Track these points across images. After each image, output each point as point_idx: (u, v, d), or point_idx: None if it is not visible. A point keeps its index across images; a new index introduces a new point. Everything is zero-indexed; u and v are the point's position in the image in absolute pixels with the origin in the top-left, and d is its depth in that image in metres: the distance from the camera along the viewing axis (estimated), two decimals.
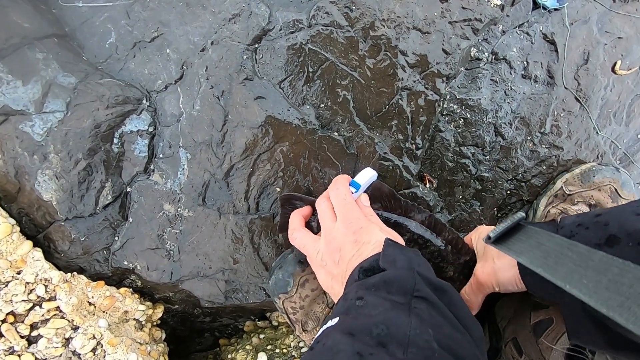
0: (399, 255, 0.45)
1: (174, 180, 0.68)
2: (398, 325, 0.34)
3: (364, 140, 0.71)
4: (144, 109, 0.66)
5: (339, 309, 0.41)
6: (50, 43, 0.61)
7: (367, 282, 0.42)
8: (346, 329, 0.35)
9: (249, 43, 0.67)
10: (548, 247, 0.40)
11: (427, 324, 0.35)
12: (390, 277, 0.41)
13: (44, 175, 0.62)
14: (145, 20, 0.65)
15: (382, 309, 0.37)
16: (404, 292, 0.39)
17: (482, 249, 0.59)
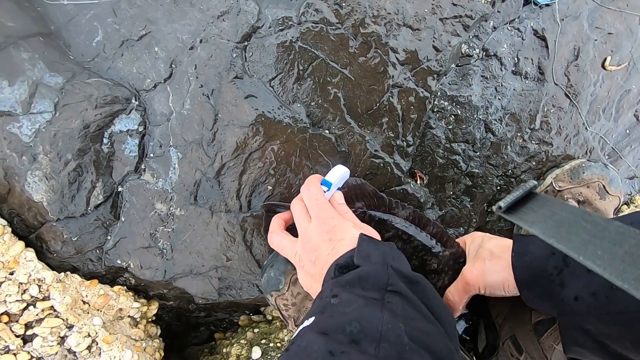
0: (373, 250, 0.46)
1: (165, 179, 0.68)
2: (371, 322, 0.35)
3: (355, 138, 0.71)
4: (134, 109, 0.65)
5: (315, 308, 0.42)
6: (36, 42, 0.60)
7: (342, 280, 0.43)
8: (320, 329, 0.36)
9: (239, 41, 0.66)
10: (561, 216, 0.38)
11: (400, 318, 0.36)
12: (364, 273, 0.42)
13: (33, 177, 0.62)
14: (133, 18, 0.64)
15: (355, 305, 0.38)
16: (378, 287, 0.40)
17: (474, 252, 0.59)
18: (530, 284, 0.49)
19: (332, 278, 0.46)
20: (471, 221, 0.81)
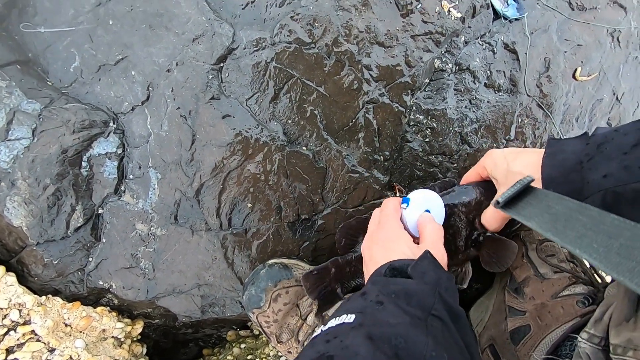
0: (430, 270, 0.46)
1: (145, 200, 0.69)
2: (415, 343, 0.35)
3: (332, 154, 0.72)
4: (112, 132, 0.66)
5: (355, 306, 0.41)
6: (13, 70, 0.62)
7: (389, 288, 0.42)
8: (366, 333, 0.35)
9: (214, 63, 0.68)
10: (557, 210, 0.39)
11: (442, 347, 0.36)
12: (412, 289, 0.42)
13: (12, 202, 0.63)
14: (109, 44, 0.66)
15: (401, 320, 0.37)
16: (422, 307, 0.39)
17: (503, 176, 0.56)
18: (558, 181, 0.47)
19: (381, 274, 0.46)
20: None
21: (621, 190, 0.39)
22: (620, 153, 0.41)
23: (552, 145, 0.49)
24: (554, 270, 0.61)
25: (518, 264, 0.68)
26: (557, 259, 0.63)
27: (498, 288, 0.70)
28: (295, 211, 0.72)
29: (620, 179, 0.40)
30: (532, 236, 0.69)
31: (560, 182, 0.46)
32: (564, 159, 0.46)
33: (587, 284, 0.58)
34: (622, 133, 0.43)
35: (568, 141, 0.48)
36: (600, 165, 0.42)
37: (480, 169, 0.62)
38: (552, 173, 0.47)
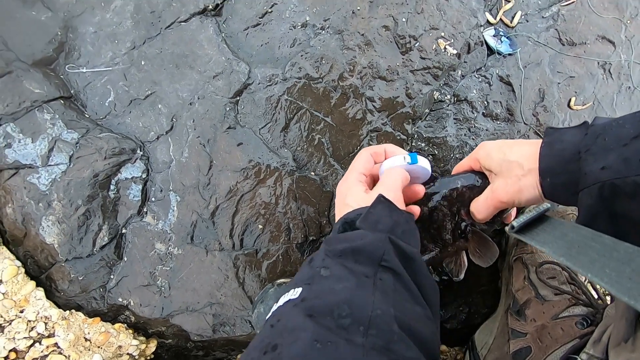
0: (385, 217, 0.45)
1: (164, 221, 0.75)
2: (360, 306, 0.34)
3: (338, 179, 0.77)
4: (138, 158, 0.73)
5: (302, 276, 0.40)
6: (57, 104, 0.70)
7: (336, 249, 0.41)
8: (308, 309, 0.34)
9: (231, 96, 0.75)
10: (572, 237, 0.39)
11: (390, 300, 0.36)
12: (360, 244, 0.41)
13: (47, 221, 0.69)
14: (140, 81, 0.74)
15: (346, 284, 0.36)
16: (372, 261, 0.39)
17: (498, 166, 0.54)
18: (555, 172, 0.46)
19: (336, 232, 0.46)
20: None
21: (620, 183, 0.39)
22: (620, 145, 0.40)
23: (550, 134, 0.48)
24: (554, 292, 0.62)
25: (520, 287, 0.70)
26: (558, 281, 0.64)
27: (502, 311, 0.71)
28: (303, 233, 0.76)
29: (619, 172, 0.39)
30: (533, 259, 0.70)
31: (558, 173, 0.45)
32: (562, 149, 0.45)
33: (587, 305, 0.58)
34: (622, 124, 0.42)
35: (567, 130, 0.47)
36: (599, 157, 0.41)
37: (472, 161, 0.61)
38: (550, 163, 0.46)
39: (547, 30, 0.82)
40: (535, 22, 0.83)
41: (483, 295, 0.87)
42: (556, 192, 0.47)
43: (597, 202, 0.41)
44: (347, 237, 0.43)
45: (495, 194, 0.54)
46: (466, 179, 0.60)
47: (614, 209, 0.40)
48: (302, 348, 0.30)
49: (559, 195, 0.47)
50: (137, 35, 0.74)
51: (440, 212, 0.61)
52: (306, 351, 0.30)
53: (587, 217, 0.43)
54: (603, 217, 0.42)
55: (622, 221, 0.41)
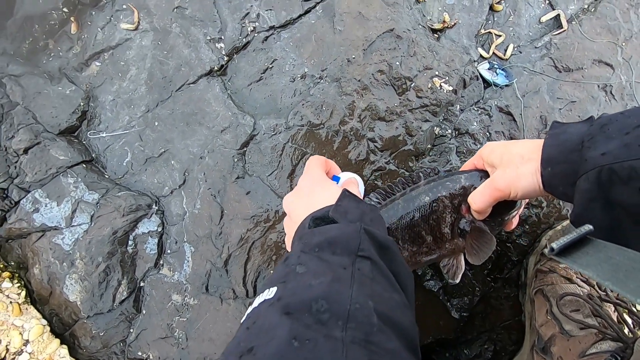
0: (353, 208, 0.46)
1: (180, 272, 0.77)
2: (339, 300, 0.34)
3: None
4: (154, 213, 0.77)
5: (278, 275, 0.40)
6: (80, 169, 0.76)
7: (311, 242, 0.41)
8: (284, 307, 0.33)
9: (239, 148, 0.79)
10: (618, 260, 0.38)
11: (368, 290, 0.35)
12: (335, 235, 0.41)
13: (71, 279, 0.72)
14: (154, 140, 0.80)
15: (323, 279, 0.36)
16: (348, 252, 0.39)
17: (499, 159, 0.55)
18: (557, 160, 0.46)
19: (306, 227, 0.45)
20: (474, 290, 0.82)
21: (617, 168, 0.39)
22: (622, 133, 0.41)
23: (556, 127, 0.49)
24: (579, 327, 0.59)
25: (543, 321, 0.67)
26: (582, 314, 0.61)
27: (527, 349, 0.68)
28: None
29: (618, 157, 0.39)
30: (554, 291, 0.68)
31: (559, 162, 0.46)
32: (566, 140, 0.46)
33: (615, 339, 0.55)
34: (627, 115, 0.43)
35: (573, 124, 0.48)
36: (600, 144, 0.42)
37: (476, 159, 0.62)
38: (552, 152, 0.47)
39: (541, 59, 0.84)
40: (528, 53, 0.84)
41: (508, 330, 0.83)
42: (554, 182, 0.47)
43: (594, 187, 0.41)
44: (322, 230, 0.43)
45: (492, 182, 0.54)
46: (470, 175, 0.61)
47: (610, 195, 0.40)
48: (278, 347, 0.29)
49: (557, 185, 0.47)
50: (151, 99, 0.80)
51: (441, 202, 0.61)
52: (283, 350, 0.29)
53: (583, 202, 0.43)
54: (598, 203, 0.42)
55: (616, 209, 0.40)
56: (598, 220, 0.42)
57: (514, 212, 0.61)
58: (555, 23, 0.85)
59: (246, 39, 0.80)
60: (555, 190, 0.48)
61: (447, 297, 0.81)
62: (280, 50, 0.80)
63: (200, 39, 0.80)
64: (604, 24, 0.84)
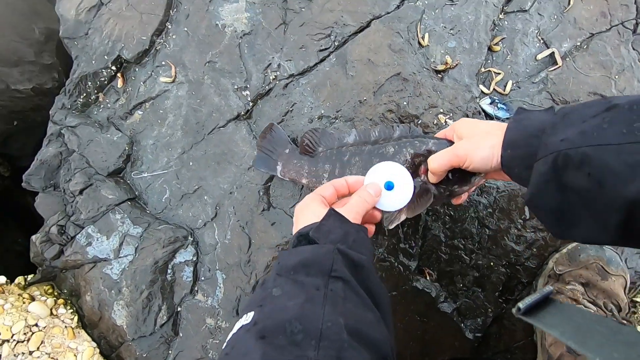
0: (337, 228, 0.48)
1: (213, 297, 0.85)
2: (312, 320, 0.36)
3: None
4: (189, 244, 0.86)
5: (255, 299, 0.42)
6: (125, 206, 0.86)
7: (287, 265, 0.44)
8: (259, 331, 0.36)
9: (264, 183, 0.88)
10: (578, 321, 0.41)
11: (340, 308, 0.38)
12: (309, 257, 0.43)
13: (118, 305, 0.81)
14: (189, 179, 0.90)
15: (297, 300, 0.38)
16: (322, 273, 0.42)
17: (467, 132, 0.59)
18: (518, 144, 0.49)
19: (293, 245, 0.49)
20: (487, 311, 0.86)
21: (572, 154, 0.41)
22: (580, 121, 0.43)
23: (520, 113, 0.53)
24: None
25: (552, 341, 0.71)
26: None
27: None
28: None
29: (574, 143, 0.42)
30: None
31: (519, 145, 0.49)
32: (527, 125, 0.49)
33: None
34: (587, 106, 0.45)
35: (536, 112, 0.52)
36: (560, 131, 0.44)
37: (448, 130, 0.66)
38: (514, 136, 0.50)
39: (539, 94, 0.90)
40: (527, 88, 0.91)
41: (522, 350, 0.87)
42: (512, 164, 0.50)
43: (549, 171, 0.44)
44: (298, 251, 0.46)
45: (453, 148, 0.59)
46: (439, 142, 0.67)
47: (563, 179, 0.43)
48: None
49: (514, 167, 0.50)
50: (186, 142, 0.91)
51: (403, 157, 0.67)
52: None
53: (539, 184, 0.46)
54: (552, 186, 0.44)
55: (569, 192, 0.43)
56: (551, 201, 0.45)
57: (466, 187, 0.66)
58: (550, 60, 0.92)
59: (269, 87, 0.91)
60: (512, 172, 0.51)
61: (460, 318, 0.86)
62: (299, 95, 0.90)
63: (229, 88, 0.91)
64: (596, 60, 0.90)
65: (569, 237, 0.47)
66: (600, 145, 0.40)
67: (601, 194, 0.40)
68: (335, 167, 0.73)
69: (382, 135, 0.74)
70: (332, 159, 0.75)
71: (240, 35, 0.91)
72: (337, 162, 0.74)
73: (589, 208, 0.42)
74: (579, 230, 0.45)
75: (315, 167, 0.76)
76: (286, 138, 0.83)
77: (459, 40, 0.91)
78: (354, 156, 0.72)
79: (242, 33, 0.91)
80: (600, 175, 0.40)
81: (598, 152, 0.40)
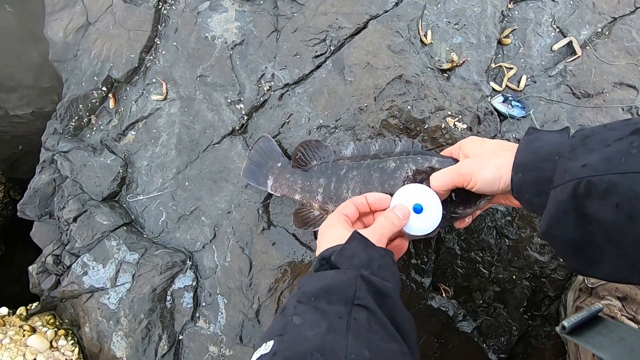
0: (360, 252, 0.46)
1: (215, 323, 0.80)
2: (333, 351, 0.34)
3: None
4: (188, 268, 0.82)
5: (275, 328, 0.40)
6: (121, 231, 0.83)
7: (308, 291, 0.42)
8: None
9: (262, 201, 0.83)
10: (631, 342, 0.39)
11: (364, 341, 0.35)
12: (332, 284, 0.41)
13: (117, 336, 0.78)
14: (186, 199, 0.86)
15: (319, 330, 0.36)
16: (344, 301, 0.39)
17: (474, 151, 0.56)
18: (529, 167, 0.46)
19: (314, 270, 0.47)
20: (511, 329, 0.79)
21: (596, 181, 0.38)
22: (603, 146, 0.40)
23: (531, 133, 0.49)
24: None
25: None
26: None
27: None
28: None
29: (598, 170, 0.38)
30: None
31: (531, 169, 0.46)
32: (539, 147, 0.46)
33: None
34: (609, 128, 0.42)
35: (548, 132, 0.49)
36: (581, 156, 0.41)
37: (455, 148, 0.63)
38: (525, 159, 0.47)
39: (557, 88, 0.82)
40: (543, 82, 0.84)
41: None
42: (523, 189, 0.46)
43: (569, 200, 0.40)
44: (320, 277, 0.43)
45: (457, 166, 0.55)
46: (443, 160, 0.63)
47: (585, 209, 0.39)
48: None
49: (525, 192, 0.46)
50: (181, 161, 0.87)
51: (404, 172, 0.63)
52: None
53: (556, 213, 0.42)
54: (572, 216, 0.41)
55: (592, 224, 0.39)
56: (569, 233, 0.41)
57: (470, 209, 0.60)
58: (568, 50, 0.84)
59: (263, 98, 0.86)
60: (522, 197, 0.47)
61: (482, 337, 0.79)
62: (295, 105, 0.85)
63: (222, 102, 0.87)
64: (620, 46, 0.82)
65: (591, 273, 0.42)
66: (628, 173, 0.36)
67: (631, 228, 0.36)
68: (330, 182, 0.68)
69: (382, 149, 0.69)
70: (328, 172, 0.69)
71: (231, 46, 0.87)
72: (332, 177, 0.68)
73: (615, 243, 0.38)
74: (602, 267, 0.40)
75: (309, 182, 0.71)
76: (278, 150, 0.78)
77: (465, 36, 0.84)
78: (351, 170, 0.67)
79: (232, 44, 0.87)
80: (631, 207, 0.35)
81: (627, 180, 0.36)
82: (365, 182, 0.64)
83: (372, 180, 0.64)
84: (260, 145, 0.78)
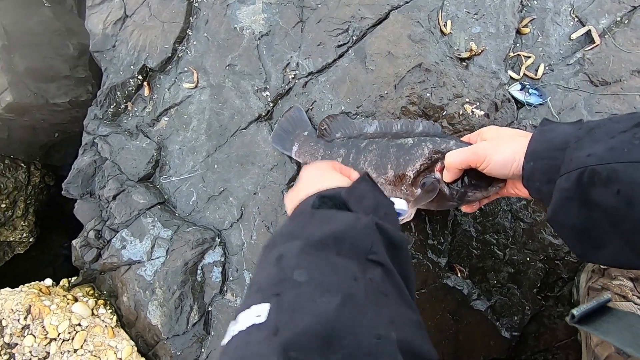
0: (369, 193, 0.41)
1: (241, 297, 0.86)
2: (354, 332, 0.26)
3: None
4: (217, 245, 0.88)
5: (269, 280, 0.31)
6: (156, 209, 0.89)
7: (314, 236, 0.33)
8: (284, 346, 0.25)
9: (287, 183, 0.88)
10: (638, 328, 0.39)
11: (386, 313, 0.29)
12: (342, 231, 0.34)
13: (152, 305, 0.85)
14: (215, 181, 0.92)
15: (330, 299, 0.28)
16: (357, 254, 0.32)
17: (492, 135, 0.59)
18: (540, 156, 0.47)
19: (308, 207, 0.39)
20: (524, 309, 0.82)
21: (600, 170, 0.39)
22: (608, 137, 0.42)
23: (546, 124, 0.51)
24: None
25: (599, 341, 0.66)
26: None
27: None
28: None
29: (602, 158, 0.40)
30: None
31: (542, 157, 0.47)
32: (552, 137, 0.47)
33: None
34: (615, 121, 0.44)
35: (562, 124, 0.50)
36: (587, 146, 0.43)
37: (474, 134, 0.65)
38: (538, 147, 0.48)
39: (575, 76, 0.84)
40: (561, 71, 0.85)
41: (565, 350, 0.82)
42: (533, 177, 0.48)
43: (573, 187, 0.42)
44: (327, 216, 0.36)
45: (473, 146, 0.57)
46: (461, 144, 0.65)
47: (589, 196, 0.41)
48: None
49: (535, 180, 0.48)
50: (210, 146, 0.93)
51: (420, 150, 0.66)
52: None
53: (561, 200, 0.44)
54: (576, 202, 0.43)
55: (595, 210, 0.41)
56: (575, 218, 0.43)
57: (480, 194, 0.62)
58: (586, 39, 0.86)
59: (288, 86, 0.90)
60: (532, 185, 0.49)
61: (495, 316, 0.82)
62: (318, 93, 0.89)
63: (249, 90, 0.92)
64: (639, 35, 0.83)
65: (595, 259, 0.44)
66: (630, 162, 0.38)
67: (630, 213, 0.38)
68: (350, 153, 0.73)
69: (404, 128, 0.73)
70: (349, 144, 0.75)
71: (258, 37, 0.92)
72: (352, 148, 0.73)
73: (617, 228, 0.40)
74: (605, 252, 0.42)
75: (330, 151, 0.76)
76: (307, 120, 0.84)
77: (484, 25, 0.86)
78: (371, 144, 0.72)
79: (259, 34, 0.92)
80: (631, 194, 0.38)
81: (628, 169, 0.38)
82: (382, 156, 0.69)
83: (389, 154, 0.68)
84: (290, 114, 0.84)
